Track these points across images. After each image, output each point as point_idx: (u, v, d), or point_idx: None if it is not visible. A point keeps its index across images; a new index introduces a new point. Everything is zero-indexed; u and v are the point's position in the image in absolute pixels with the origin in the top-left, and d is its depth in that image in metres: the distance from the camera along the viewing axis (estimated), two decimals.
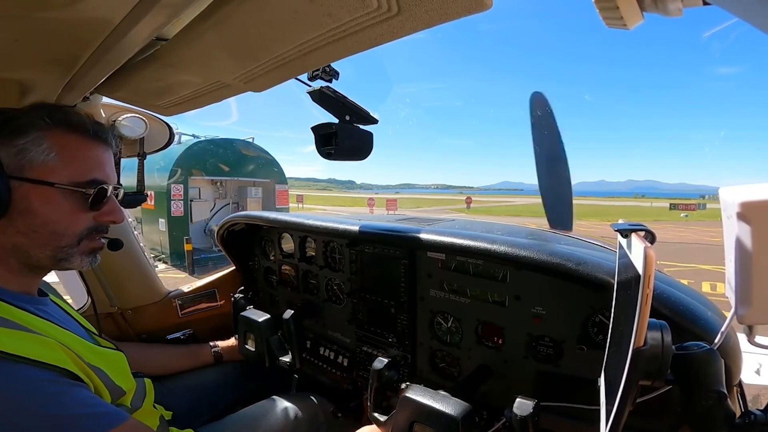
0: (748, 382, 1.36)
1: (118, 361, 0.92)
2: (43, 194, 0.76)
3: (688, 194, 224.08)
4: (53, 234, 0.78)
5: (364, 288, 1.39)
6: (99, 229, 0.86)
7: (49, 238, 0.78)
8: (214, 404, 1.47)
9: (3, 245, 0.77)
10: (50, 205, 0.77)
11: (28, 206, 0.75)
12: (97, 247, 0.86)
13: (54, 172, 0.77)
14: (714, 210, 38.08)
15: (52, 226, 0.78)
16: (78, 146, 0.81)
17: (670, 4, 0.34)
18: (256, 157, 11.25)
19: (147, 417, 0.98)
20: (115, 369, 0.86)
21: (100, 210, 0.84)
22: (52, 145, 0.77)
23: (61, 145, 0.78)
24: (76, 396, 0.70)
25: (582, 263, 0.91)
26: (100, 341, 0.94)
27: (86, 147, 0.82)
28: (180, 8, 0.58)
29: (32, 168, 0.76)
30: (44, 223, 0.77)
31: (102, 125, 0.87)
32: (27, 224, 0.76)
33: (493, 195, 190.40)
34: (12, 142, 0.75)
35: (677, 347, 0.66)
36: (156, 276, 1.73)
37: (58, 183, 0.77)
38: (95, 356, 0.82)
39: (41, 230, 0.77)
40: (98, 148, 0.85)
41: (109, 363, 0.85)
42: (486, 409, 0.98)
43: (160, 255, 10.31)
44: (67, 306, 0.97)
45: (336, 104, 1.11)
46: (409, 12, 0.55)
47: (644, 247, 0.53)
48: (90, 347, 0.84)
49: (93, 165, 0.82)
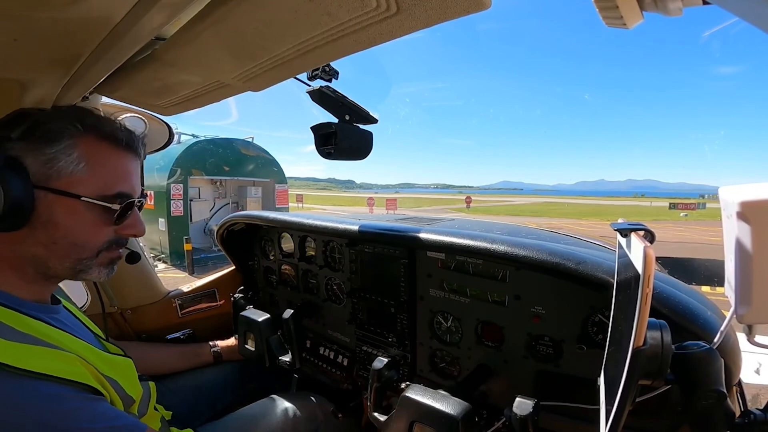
0: (747, 381, 1.36)
1: (128, 368, 0.91)
2: (67, 206, 0.74)
3: (688, 194, 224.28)
4: (74, 246, 0.76)
5: (364, 288, 1.39)
6: (119, 241, 0.84)
7: (69, 250, 0.76)
8: (213, 404, 1.48)
9: (22, 254, 0.75)
10: (74, 218, 0.75)
11: (51, 217, 0.73)
12: (116, 258, 0.85)
13: (81, 183, 0.74)
14: (714, 209, 38.13)
15: (74, 238, 0.76)
16: (108, 156, 0.78)
17: (669, 3, 0.34)
18: (255, 156, 11.25)
19: (149, 419, 0.98)
20: (126, 377, 0.86)
21: (123, 224, 0.82)
22: (83, 154, 0.74)
23: (90, 155, 0.75)
24: (98, 410, 0.70)
25: (582, 263, 0.91)
26: (109, 347, 0.94)
27: (116, 157, 0.80)
28: (179, 7, 0.58)
29: (60, 178, 0.73)
30: (65, 235, 0.75)
31: (133, 133, 0.84)
32: (48, 235, 0.74)
33: (492, 195, 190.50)
34: (42, 149, 0.72)
35: (677, 347, 0.66)
36: (156, 276, 1.73)
37: (84, 196, 0.74)
38: (108, 366, 0.81)
39: (62, 242, 0.75)
40: (127, 158, 0.82)
41: (120, 372, 0.84)
42: (486, 409, 0.99)
43: (159, 255, 10.31)
44: (76, 310, 0.96)
45: (335, 104, 1.11)
46: (408, 11, 0.55)
47: (644, 247, 0.53)
48: (103, 357, 0.83)
49: (121, 177, 0.80)
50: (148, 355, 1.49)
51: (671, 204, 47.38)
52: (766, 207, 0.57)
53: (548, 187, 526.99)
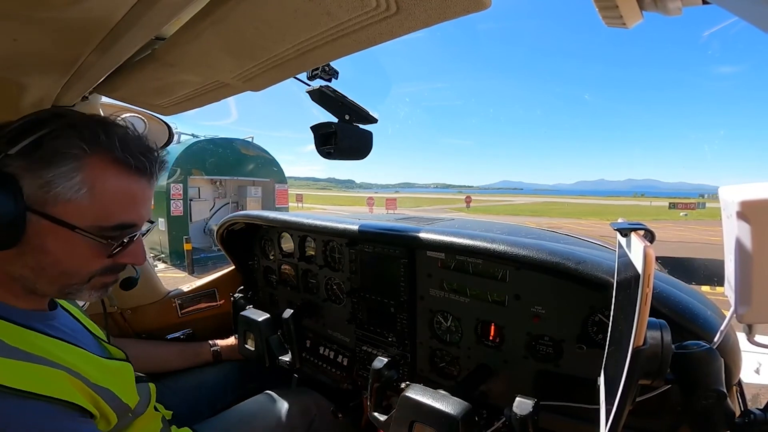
0: (747, 381, 1.36)
1: (125, 373, 0.88)
2: (61, 235, 0.68)
3: (688, 193, 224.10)
4: (63, 274, 0.72)
5: (364, 287, 1.39)
6: (115, 268, 0.78)
7: (58, 277, 0.72)
8: (213, 403, 1.48)
9: (9, 273, 0.71)
10: (66, 247, 0.70)
11: (41, 244, 0.68)
12: (110, 282, 0.80)
13: (79, 212, 0.68)
14: (713, 209, 38.15)
15: (64, 267, 0.71)
16: (114, 182, 0.71)
17: (669, 3, 0.34)
18: (255, 156, 11.25)
19: (149, 420, 0.97)
20: (122, 385, 0.83)
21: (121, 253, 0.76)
22: (86, 178, 0.68)
23: (95, 180, 0.69)
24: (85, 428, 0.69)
25: (581, 262, 0.91)
26: (110, 349, 0.93)
27: (123, 183, 0.72)
28: (179, 7, 0.58)
29: (56, 204, 0.67)
30: (55, 263, 0.70)
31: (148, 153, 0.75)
32: (36, 261, 0.69)
33: (492, 194, 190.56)
34: (40, 172, 0.65)
35: (677, 346, 0.66)
36: (155, 276, 1.73)
37: (80, 228, 0.68)
38: (103, 374, 0.78)
39: (50, 269, 0.71)
40: (137, 183, 0.74)
41: (115, 379, 0.82)
42: (486, 409, 0.98)
43: (159, 255, 10.31)
44: (75, 311, 0.94)
45: (335, 103, 1.11)
46: (407, 11, 0.55)
47: (644, 246, 0.52)
48: (98, 363, 0.80)
49: (125, 205, 0.73)
50: (148, 353, 1.49)
51: (671, 204, 47.40)
52: (766, 207, 0.57)
53: (548, 187, 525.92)
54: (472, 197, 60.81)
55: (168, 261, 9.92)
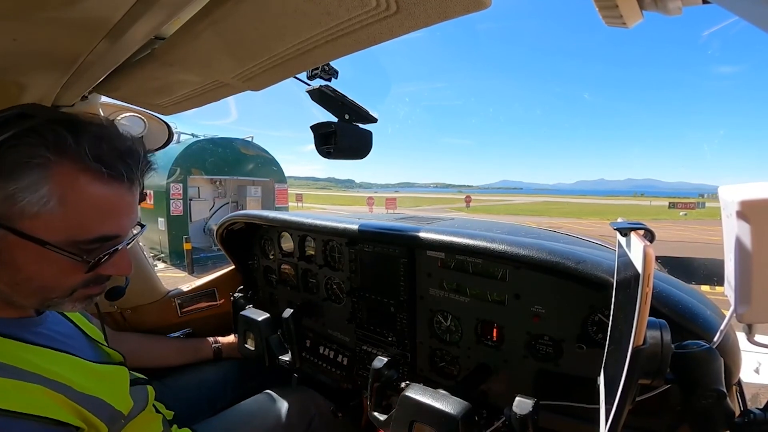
0: (747, 380, 1.36)
1: (119, 379, 0.85)
2: (31, 251, 0.62)
3: (687, 193, 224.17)
4: (41, 288, 0.67)
5: (364, 287, 1.39)
6: (99, 280, 0.73)
7: (35, 291, 0.67)
8: (214, 403, 1.48)
9: None
10: (39, 264, 0.64)
11: (11, 259, 0.63)
12: (95, 294, 0.75)
13: (49, 226, 0.62)
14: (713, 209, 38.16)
15: (39, 282, 0.66)
16: (85, 192, 0.64)
17: (669, 2, 0.34)
18: (255, 156, 11.25)
19: (148, 422, 0.97)
20: (114, 391, 0.80)
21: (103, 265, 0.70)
22: (53, 189, 0.61)
23: (65, 190, 0.62)
24: None
25: (581, 262, 0.91)
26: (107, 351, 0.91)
27: (97, 191, 0.65)
28: (178, 7, 0.58)
29: (23, 218, 0.61)
30: (29, 279, 0.65)
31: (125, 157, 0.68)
32: (9, 276, 0.65)
33: (492, 194, 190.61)
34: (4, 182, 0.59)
35: (676, 346, 0.66)
36: (155, 275, 1.73)
37: (51, 243, 0.62)
38: (92, 382, 0.74)
39: (25, 285, 0.66)
40: (113, 191, 0.67)
41: (107, 385, 0.78)
42: (485, 408, 0.98)
43: (159, 254, 10.31)
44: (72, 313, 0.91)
45: (335, 103, 1.11)
46: (407, 11, 0.55)
47: (643, 246, 0.52)
48: (88, 369, 0.76)
49: (103, 216, 0.66)
50: (149, 348, 1.50)
51: (671, 203, 47.43)
52: (766, 206, 0.57)
53: (548, 187, 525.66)
54: (471, 197, 60.83)
55: (168, 261, 9.92)
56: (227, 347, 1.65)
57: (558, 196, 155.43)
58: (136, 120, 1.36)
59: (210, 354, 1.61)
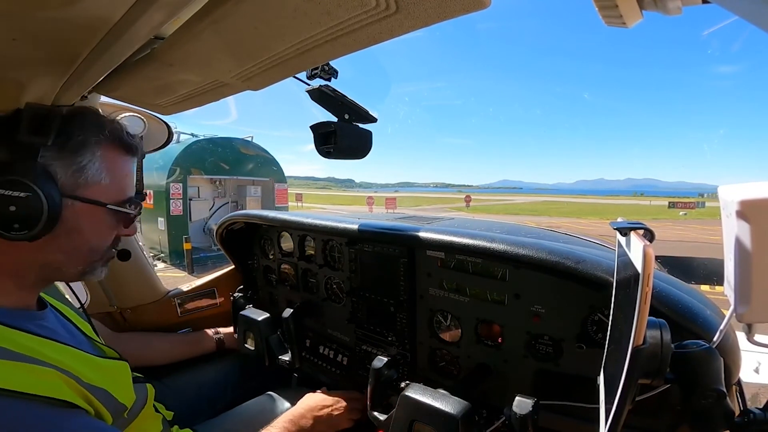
0: (747, 380, 1.36)
1: (121, 372, 0.88)
2: (92, 214, 0.77)
3: (687, 192, 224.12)
4: (91, 251, 0.79)
5: (364, 287, 1.39)
6: (116, 242, 0.87)
7: (87, 254, 0.79)
8: (214, 403, 1.48)
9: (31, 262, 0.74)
10: (96, 225, 0.78)
11: (75, 225, 0.75)
12: (112, 257, 0.88)
13: (104, 191, 0.77)
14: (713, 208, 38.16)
15: (92, 243, 0.79)
16: (122, 163, 0.82)
17: (669, 2, 0.34)
18: (255, 155, 11.25)
19: (149, 420, 0.97)
20: (118, 384, 0.82)
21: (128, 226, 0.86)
22: (105, 162, 0.78)
23: (110, 163, 0.79)
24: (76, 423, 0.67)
25: (581, 261, 0.91)
26: (105, 350, 0.92)
27: (127, 164, 0.84)
28: (178, 6, 0.58)
29: (87, 187, 0.75)
30: (87, 241, 0.78)
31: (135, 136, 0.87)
32: (70, 242, 0.76)
33: (492, 194, 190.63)
34: (72, 160, 0.74)
35: (676, 346, 0.66)
36: (155, 275, 1.73)
37: (108, 203, 0.78)
38: (97, 374, 0.77)
39: (83, 248, 0.78)
40: (132, 162, 0.86)
41: (111, 379, 0.81)
42: (485, 408, 0.99)
43: (159, 254, 10.31)
44: (67, 310, 0.93)
45: (335, 103, 1.10)
46: (407, 10, 0.55)
47: (643, 246, 0.52)
48: (92, 362, 0.80)
49: (130, 182, 0.84)
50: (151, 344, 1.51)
51: (670, 203, 47.45)
52: (766, 206, 0.57)
53: (548, 186, 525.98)
54: (471, 196, 60.83)
55: (168, 260, 9.92)
56: (229, 338, 1.66)
57: (558, 196, 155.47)
58: (135, 120, 1.36)
59: (213, 346, 1.62)
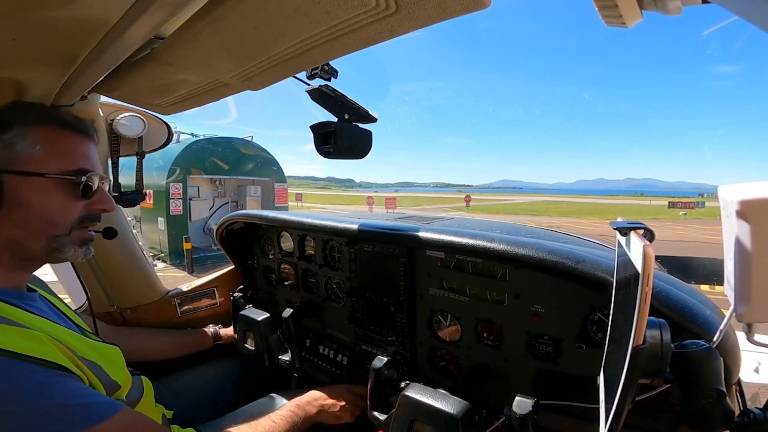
0: (747, 380, 1.36)
1: (113, 355, 0.91)
2: (34, 185, 0.78)
3: (687, 192, 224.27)
4: (47, 223, 0.80)
5: (364, 287, 1.39)
6: (90, 217, 0.87)
7: (43, 227, 0.80)
8: (214, 403, 1.48)
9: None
10: (43, 195, 0.79)
11: (21, 198, 0.77)
12: (88, 238, 0.88)
13: (43, 163, 0.79)
14: (713, 208, 38.17)
15: (46, 215, 0.80)
16: (62, 139, 0.83)
17: (669, 2, 0.34)
18: (255, 155, 11.24)
19: (149, 414, 0.98)
20: (111, 363, 0.86)
21: (91, 199, 0.86)
22: (37, 139, 0.79)
23: (45, 139, 0.81)
24: (67, 387, 0.69)
25: (581, 261, 0.91)
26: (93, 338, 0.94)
27: (70, 139, 0.85)
28: (178, 7, 0.58)
29: (21, 161, 0.77)
30: (39, 213, 0.79)
31: (83, 119, 0.89)
32: (22, 216, 0.78)
33: (492, 193, 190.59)
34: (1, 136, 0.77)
35: (676, 346, 0.66)
36: (155, 275, 1.73)
37: (48, 173, 0.79)
38: (89, 350, 0.81)
39: (35, 220, 0.79)
40: (82, 140, 0.87)
41: (103, 357, 0.85)
42: (485, 408, 0.99)
43: (159, 254, 10.30)
44: (58, 302, 0.97)
45: (335, 103, 1.10)
46: (407, 10, 0.55)
47: (643, 245, 0.52)
48: (83, 340, 0.84)
49: (79, 156, 0.85)
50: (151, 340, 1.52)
51: (670, 203, 47.45)
52: (766, 206, 0.57)
53: (548, 186, 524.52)
54: (471, 196, 60.82)
55: (167, 260, 9.91)
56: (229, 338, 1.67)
57: (558, 196, 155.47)
58: (135, 120, 1.36)
59: (211, 344, 1.64)
